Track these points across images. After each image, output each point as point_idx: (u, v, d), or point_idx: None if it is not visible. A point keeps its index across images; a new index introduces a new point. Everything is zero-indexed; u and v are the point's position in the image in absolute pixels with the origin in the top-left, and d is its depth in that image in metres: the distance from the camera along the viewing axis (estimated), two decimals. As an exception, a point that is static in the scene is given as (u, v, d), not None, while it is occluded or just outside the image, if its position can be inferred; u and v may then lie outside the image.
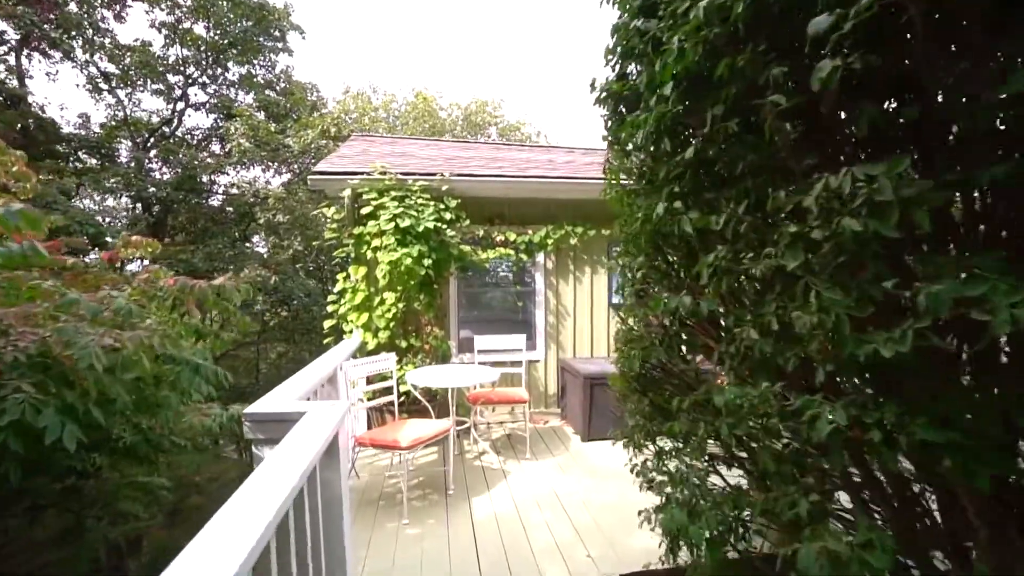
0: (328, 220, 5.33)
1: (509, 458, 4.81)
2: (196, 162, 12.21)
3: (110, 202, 14.47)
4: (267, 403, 2.25)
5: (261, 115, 14.06)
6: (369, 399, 4.55)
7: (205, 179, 13.96)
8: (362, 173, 5.23)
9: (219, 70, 14.43)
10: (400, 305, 5.21)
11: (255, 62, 14.75)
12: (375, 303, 5.17)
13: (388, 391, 4.49)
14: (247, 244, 13.72)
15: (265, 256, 13.40)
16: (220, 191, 14.38)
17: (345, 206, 5.25)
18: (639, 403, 2.60)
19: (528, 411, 5.01)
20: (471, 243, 5.59)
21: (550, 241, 5.84)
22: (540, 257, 6.05)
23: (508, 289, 6.18)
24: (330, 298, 5.24)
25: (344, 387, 3.88)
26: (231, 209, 13.06)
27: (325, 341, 5.28)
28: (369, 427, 4.74)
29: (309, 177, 5.26)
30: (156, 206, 12.51)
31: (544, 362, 6.11)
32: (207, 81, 14.29)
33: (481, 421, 5.61)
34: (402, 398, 4.85)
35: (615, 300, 6.23)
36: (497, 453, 4.93)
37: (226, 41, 13.47)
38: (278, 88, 14.63)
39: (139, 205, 12.96)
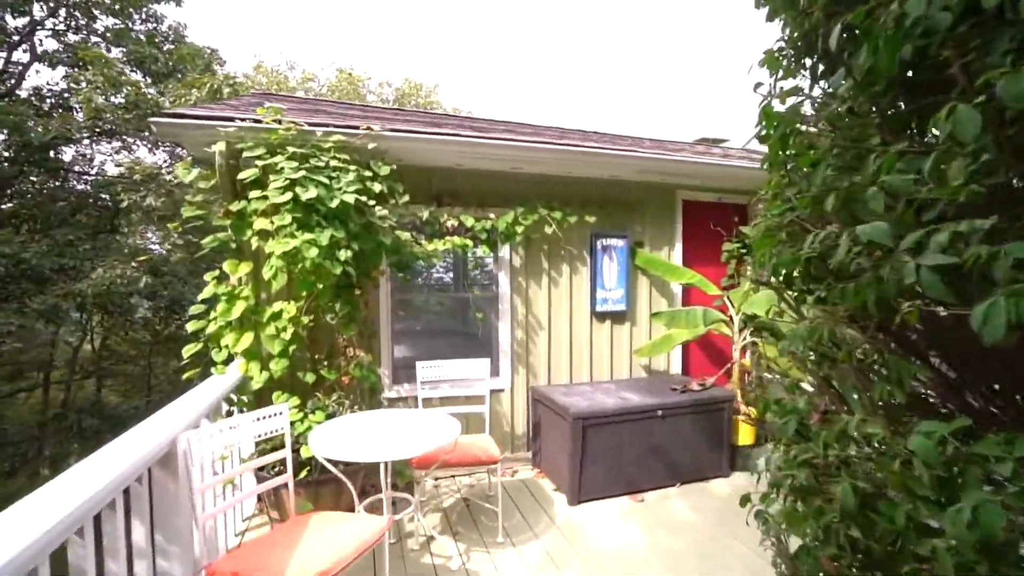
0: (190, 190, 3.46)
1: (473, 545, 3.24)
2: (42, 129, 9.43)
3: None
4: None
5: (137, 75, 11.35)
6: (260, 470, 2.80)
7: (68, 155, 11.10)
8: (242, 119, 3.42)
9: (82, 18, 11.53)
10: (305, 320, 3.48)
11: (134, 14, 11.97)
12: (264, 317, 3.39)
13: (282, 463, 2.77)
14: (118, 236, 11.01)
15: (149, 252, 10.81)
16: (89, 170, 11.52)
17: (216, 168, 3.42)
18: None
19: (499, 468, 3.46)
20: (412, 229, 3.95)
21: (519, 229, 4.31)
22: (505, 251, 4.51)
23: (462, 294, 4.58)
24: (192, 309, 3.38)
25: (192, 474, 2.13)
26: (92, 191, 10.35)
27: (186, 376, 3.45)
28: (271, 512, 2.97)
29: (153, 120, 3.36)
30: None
31: (510, 392, 4.57)
32: (63, 28, 11.33)
33: (427, 479, 3.97)
34: (307, 467, 3.13)
35: (601, 307, 4.81)
36: (453, 535, 3.34)
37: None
38: (164, 49, 11.94)
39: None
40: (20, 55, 11.60)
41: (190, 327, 3.29)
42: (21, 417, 12.25)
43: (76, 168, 11.20)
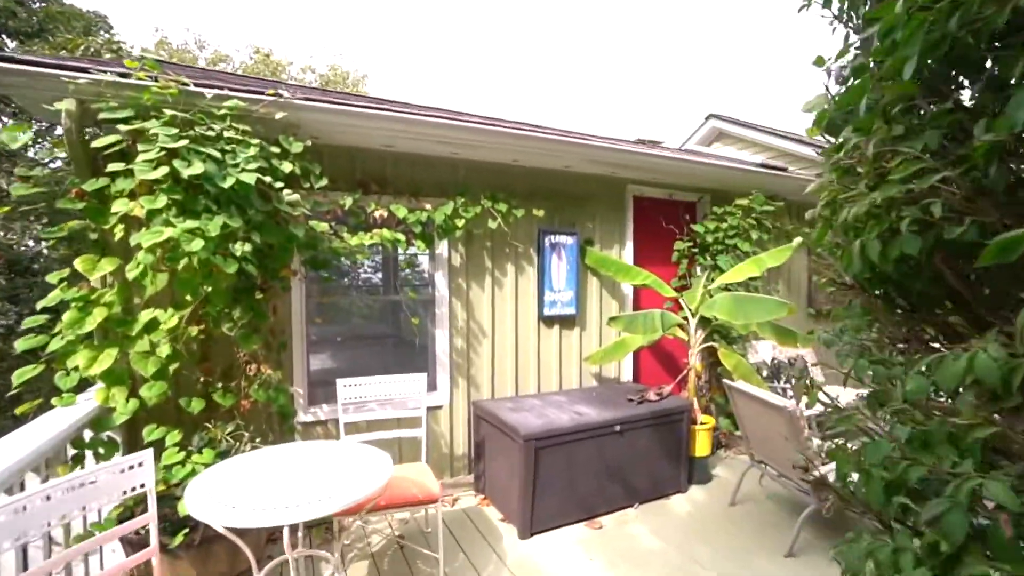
0: (24, 161, 2.61)
1: (409, 606, 2.66)
2: None
3: None
4: None
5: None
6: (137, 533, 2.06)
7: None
8: (101, 70, 2.63)
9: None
10: (192, 331, 2.75)
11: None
12: (134, 330, 2.61)
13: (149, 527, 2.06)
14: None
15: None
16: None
17: (65, 135, 2.60)
18: None
19: (439, 503, 2.90)
20: (332, 221, 3.30)
21: (459, 222, 3.76)
22: (443, 247, 3.94)
23: (394, 297, 3.95)
24: (27, 322, 2.54)
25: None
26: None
27: (20, 411, 2.59)
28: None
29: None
30: None
31: (449, 408, 4.01)
32: None
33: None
34: (186, 528, 2.41)
35: (549, 310, 4.37)
36: (385, 594, 2.75)
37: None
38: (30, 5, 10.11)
39: None
40: None
41: (20, 345, 2.46)
42: None
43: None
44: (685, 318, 4.42)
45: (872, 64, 1.33)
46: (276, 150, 2.91)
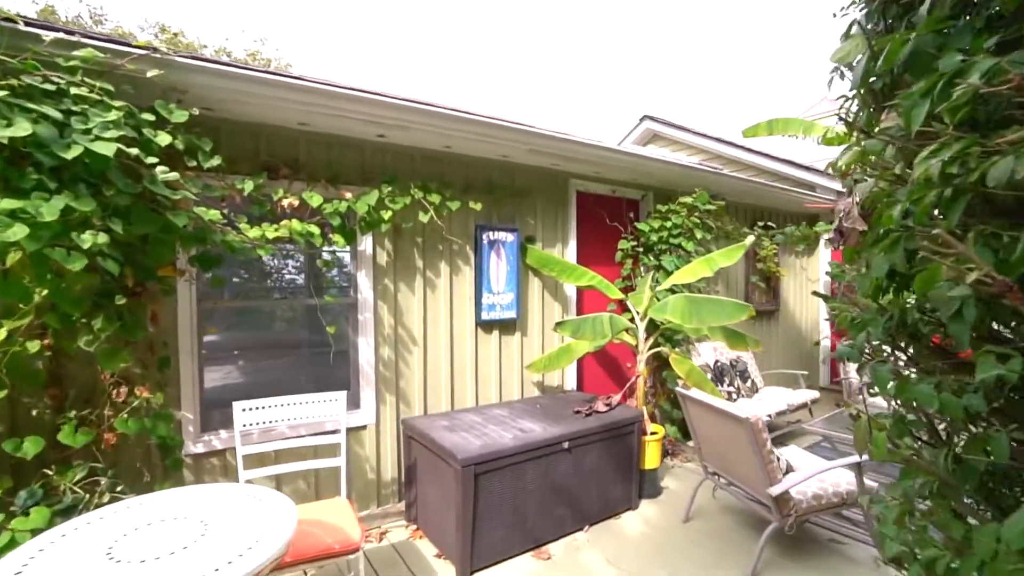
0: None
1: None
2: None
3: None
4: None
5: None
6: None
7: None
8: None
9: None
10: (33, 348, 2.11)
11: None
12: (-64, 347, 1.94)
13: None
14: None
15: None
16: None
17: None
18: None
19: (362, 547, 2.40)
20: (229, 210, 2.72)
21: (386, 214, 3.28)
22: (367, 243, 3.44)
23: (309, 301, 3.38)
24: None
25: None
26: None
27: None
28: None
29: None
30: None
31: (375, 428, 3.50)
32: None
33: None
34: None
35: (488, 314, 3.96)
36: (291, 668, 2.22)
37: None
38: None
39: None
40: None
41: None
42: None
43: None
44: (631, 319, 4.18)
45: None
46: (150, 118, 2.31)
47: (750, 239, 4.16)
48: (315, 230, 2.86)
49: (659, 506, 3.82)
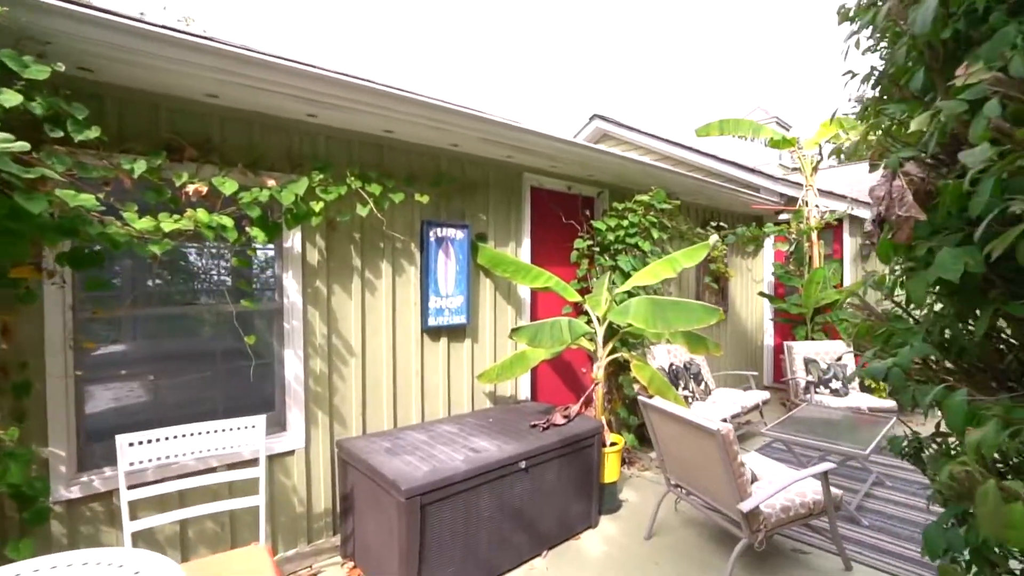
0: None
1: None
2: None
3: None
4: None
5: None
6: None
7: None
8: None
9: None
10: None
11: None
12: None
13: None
14: None
15: None
16: None
17: None
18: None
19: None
20: (115, 196, 2.19)
21: (317, 206, 2.83)
22: (294, 239, 2.97)
23: (221, 306, 2.85)
24: None
25: None
26: None
27: None
28: None
29: None
30: None
31: (305, 453, 3.03)
32: None
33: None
34: None
35: (435, 320, 3.58)
36: None
37: None
38: None
39: None
40: None
41: None
42: None
43: None
44: (588, 322, 3.92)
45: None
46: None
47: (714, 238, 4.02)
48: (227, 222, 2.38)
49: (620, 522, 3.58)
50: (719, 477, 2.84)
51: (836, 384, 5.55)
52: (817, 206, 6.45)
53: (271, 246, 2.96)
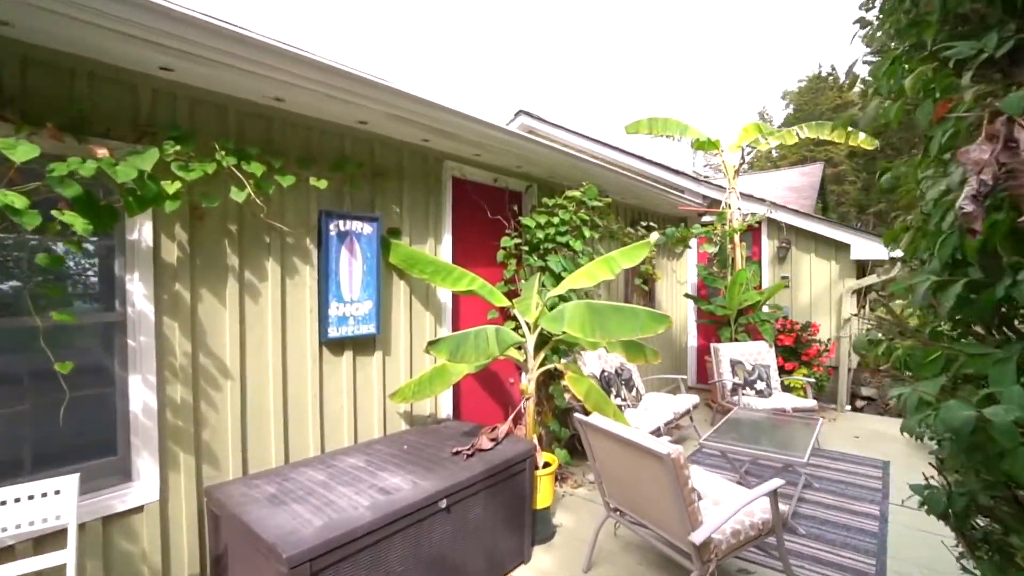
0: None
1: None
2: None
3: None
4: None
5: None
6: None
7: None
8: None
9: None
10: None
11: None
12: None
13: None
14: None
15: None
16: None
17: None
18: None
19: None
20: None
21: (172, 186, 2.17)
22: (141, 230, 2.28)
23: (21, 320, 2.09)
24: None
25: None
26: None
27: None
28: None
29: None
30: None
31: (160, 507, 2.34)
32: None
33: None
34: None
35: (338, 330, 3.00)
36: None
37: None
38: None
39: None
40: None
41: None
42: None
43: None
44: (516, 328, 3.51)
45: None
46: None
47: (655, 236, 3.75)
48: (19, 202, 1.68)
49: (555, 553, 3.19)
50: (667, 504, 2.51)
51: (761, 385, 5.55)
52: (739, 208, 6.50)
53: (108, 238, 2.25)
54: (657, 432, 4.45)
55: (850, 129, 6.23)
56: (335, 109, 2.80)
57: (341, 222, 3.00)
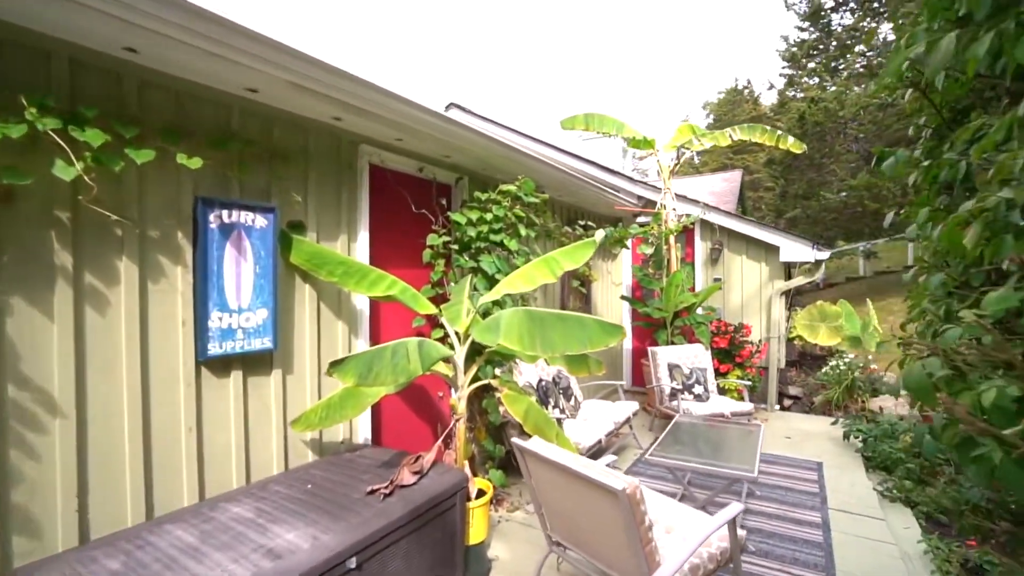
0: None
1: None
2: None
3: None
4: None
5: None
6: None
7: None
8: None
9: None
10: None
11: None
12: None
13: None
14: None
15: None
16: None
17: None
18: None
19: None
20: None
21: (-42, 157, 1.55)
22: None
23: None
24: None
25: None
26: None
27: None
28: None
29: None
30: None
31: (-60, 602, 1.69)
32: None
33: None
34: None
35: (221, 345, 2.41)
36: None
37: None
38: None
39: None
40: None
41: None
42: None
43: None
44: (443, 337, 3.06)
45: None
46: None
47: (600, 234, 3.44)
48: None
49: (490, 598, 2.77)
50: (619, 542, 2.17)
51: (699, 389, 5.43)
52: (675, 209, 6.41)
53: None
54: (599, 445, 4.16)
55: (779, 134, 6.34)
56: (217, 72, 2.23)
57: (225, 212, 2.43)
